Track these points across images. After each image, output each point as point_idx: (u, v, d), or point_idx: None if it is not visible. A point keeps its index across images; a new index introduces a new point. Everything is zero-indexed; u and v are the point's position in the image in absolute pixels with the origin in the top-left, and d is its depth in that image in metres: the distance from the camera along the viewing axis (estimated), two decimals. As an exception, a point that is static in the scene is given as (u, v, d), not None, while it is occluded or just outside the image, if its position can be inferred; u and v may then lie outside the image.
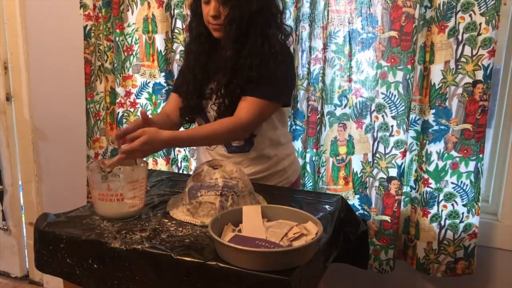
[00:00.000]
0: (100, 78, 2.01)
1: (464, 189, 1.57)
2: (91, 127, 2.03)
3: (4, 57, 2.32)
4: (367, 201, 1.71)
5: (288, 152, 1.54)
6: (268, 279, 0.92)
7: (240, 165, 1.43)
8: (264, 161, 1.47)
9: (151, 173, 1.56)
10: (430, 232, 1.61)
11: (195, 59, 1.44)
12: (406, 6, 1.49)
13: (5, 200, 2.50)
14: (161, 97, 1.92)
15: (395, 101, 1.58)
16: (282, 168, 1.50)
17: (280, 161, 1.49)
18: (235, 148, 1.46)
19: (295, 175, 1.57)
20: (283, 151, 1.51)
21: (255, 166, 1.47)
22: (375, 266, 1.71)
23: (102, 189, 1.16)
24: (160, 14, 1.82)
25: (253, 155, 1.46)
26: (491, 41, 1.44)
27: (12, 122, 2.40)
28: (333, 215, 1.24)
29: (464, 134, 1.53)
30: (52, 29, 2.17)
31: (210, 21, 1.35)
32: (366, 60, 1.62)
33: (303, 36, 1.66)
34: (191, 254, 1.00)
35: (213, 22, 1.35)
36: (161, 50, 1.86)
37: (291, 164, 1.54)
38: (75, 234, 1.10)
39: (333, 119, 1.71)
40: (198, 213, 1.18)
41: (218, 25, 1.35)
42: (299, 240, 1.03)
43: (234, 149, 1.46)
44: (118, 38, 1.88)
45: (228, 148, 1.47)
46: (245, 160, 1.46)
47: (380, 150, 1.64)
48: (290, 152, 1.55)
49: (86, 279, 1.10)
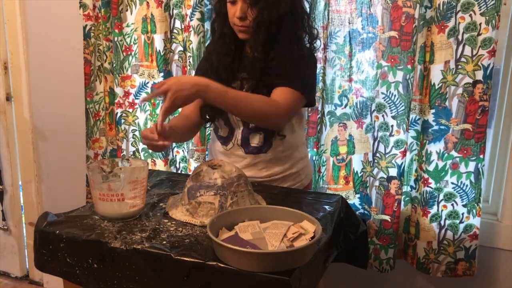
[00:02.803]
0: (99, 78, 2.01)
1: (464, 189, 1.57)
2: (91, 127, 2.03)
3: (4, 57, 2.32)
4: (368, 201, 1.71)
5: (303, 155, 1.53)
6: (268, 279, 0.92)
7: (255, 166, 1.43)
8: (279, 164, 1.46)
9: (151, 173, 1.56)
10: (430, 232, 1.61)
11: (219, 59, 1.41)
12: (406, 6, 1.49)
13: (5, 200, 2.49)
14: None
15: (395, 101, 1.58)
16: (296, 171, 1.49)
17: (294, 164, 1.48)
18: (253, 148, 1.44)
19: (308, 179, 1.56)
20: (298, 154, 1.49)
21: (270, 168, 1.45)
22: (375, 265, 1.71)
23: (103, 189, 1.16)
24: (159, 14, 1.82)
25: (269, 157, 1.44)
26: (491, 41, 1.44)
27: (12, 122, 2.40)
28: (333, 215, 1.24)
29: (464, 134, 1.53)
30: (52, 29, 2.17)
31: (236, 22, 1.32)
32: (366, 60, 1.62)
33: (303, 36, 1.66)
34: (191, 254, 1.00)
35: (239, 23, 1.32)
36: (160, 50, 1.86)
37: (305, 167, 1.53)
38: (75, 234, 1.10)
39: (334, 119, 1.71)
40: (197, 213, 1.17)
41: (245, 27, 1.32)
42: (299, 240, 1.03)
43: (252, 149, 1.44)
44: (117, 38, 1.88)
45: (246, 148, 1.44)
46: (261, 162, 1.44)
47: (380, 150, 1.64)
48: (304, 155, 1.54)
49: (86, 279, 1.10)
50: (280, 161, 1.46)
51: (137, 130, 1.96)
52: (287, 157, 1.46)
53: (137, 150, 1.98)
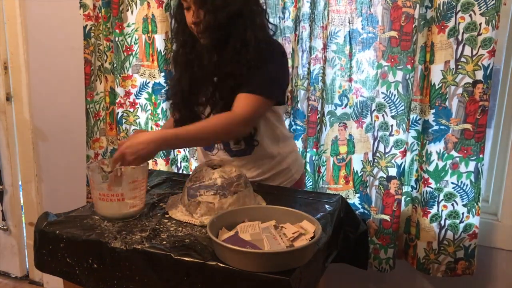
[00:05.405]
0: (100, 78, 2.01)
1: (464, 189, 1.57)
2: (91, 127, 2.03)
3: (4, 57, 2.32)
4: (368, 200, 1.71)
5: (290, 149, 1.53)
6: (268, 279, 0.92)
7: (243, 168, 1.41)
8: (267, 161, 1.46)
9: (151, 173, 1.56)
10: (430, 232, 1.61)
11: (181, 69, 1.41)
12: (406, 6, 1.49)
13: (5, 200, 2.50)
14: (160, 97, 1.92)
15: (395, 100, 1.58)
16: (286, 166, 1.49)
17: (283, 160, 1.48)
18: (237, 152, 1.44)
19: (299, 173, 1.56)
20: (285, 148, 1.50)
21: (258, 167, 1.45)
22: (374, 265, 1.71)
23: (103, 189, 1.16)
24: (160, 14, 1.82)
25: (256, 156, 1.44)
26: (491, 41, 1.44)
27: (12, 122, 2.40)
28: (333, 215, 1.24)
29: (464, 134, 1.53)
30: (52, 29, 2.17)
31: (192, 28, 1.32)
32: (366, 60, 1.62)
33: (303, 36, 1.66)
34: (191, 254, 1.00)
35: (194, 28, 1.31)
36: (161, 50, 1.86)
37: (294, 161, 1.53)
38: (75, 234, 1.11)
39: (334, 119, 1.71)
40: (197, 213, 1.18)
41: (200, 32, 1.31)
42: (299, 240, 1.03)
43: (235, 152, 1.44)
44: (118, 38, 1.88)
45: (230, 152, 1.45)
46: (248, 163, 1.44)
47: (380, 150, 1.64)
48: (292, 149, 1.54)
49: (86, 279, 1.11)
50: (268, 159, 1.45)
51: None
52: (275, 153, 1.46)
53: (137, 150, 1.98)
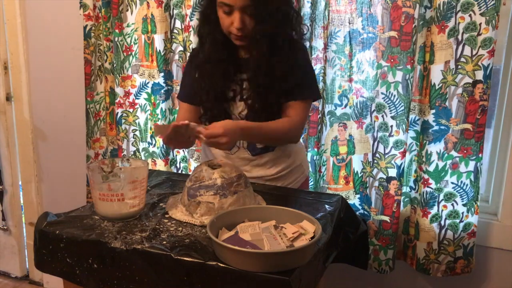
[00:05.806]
0: (100, 78, 2.01)
1: (464, 189, 1.57)
2: (91, 127, 2.03)
3: (4, 57, 2.32)
4: (367, 201, 1.71)
5: (301, 146, 1.59)
6: (268, 279, 0.92)
7: (263, 166, 1.47)
8: (285, 159, 1.49)
9: (151, 173, 1.56)
10: (430, 233, 1.61)
11: (213, 67, 1.40)
12: (406, 6, 1.49)
13: (5, 200, 2.49)
14: (160, 98, 1.92)
15: (395, 101, 1.58)
16: (299, 163, 1.54)
17: (297, 156, 1.53)
18: (260, 149, 1.46)
19: (308, 169, 1.62)
20: (298, 145, 1.55)
21: (279, 165, 1.48)
22: (374, 266, 1.71)
23: (103, 189, 1.16)
24: (159, 14, 1.82)
25: (277, 155, 1.47)
26: (491, 41, 1.44)
27: (12, 122, 2.40)
28: (333, 215, 1.24)
29: (464, 134, 1.53)
30: (52, 29, 2.17)
31: (234, 32, 1.32)
32: (366, 60, 1.62)
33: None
34: (191, 254, 1.00)
35: (238, 33, 1.32)
36: (160, 50, 1.86)
37: (305, 157, 1.60)
38: (75, 234, 1.11)
39: (334, 119, 1.71)
40: (197, 213, 1.18)
41: (243, 35, 1.33)
42: (299, 240, 1.03)
43: (259, 151, 1.46)
44: (117, 38, 1.88)
45: (253, 151, 1.46)
46: (269, 161, 1.47)
47: (380, 150, 1.64)
48: (302, 145, 1.60)
49: (86, 279, 1.10)
50: (286, 157, 1.49)
51: (138, 130, 1.96)
52: (292, 151, 1.50)
53: (138, 150, 1.98)
